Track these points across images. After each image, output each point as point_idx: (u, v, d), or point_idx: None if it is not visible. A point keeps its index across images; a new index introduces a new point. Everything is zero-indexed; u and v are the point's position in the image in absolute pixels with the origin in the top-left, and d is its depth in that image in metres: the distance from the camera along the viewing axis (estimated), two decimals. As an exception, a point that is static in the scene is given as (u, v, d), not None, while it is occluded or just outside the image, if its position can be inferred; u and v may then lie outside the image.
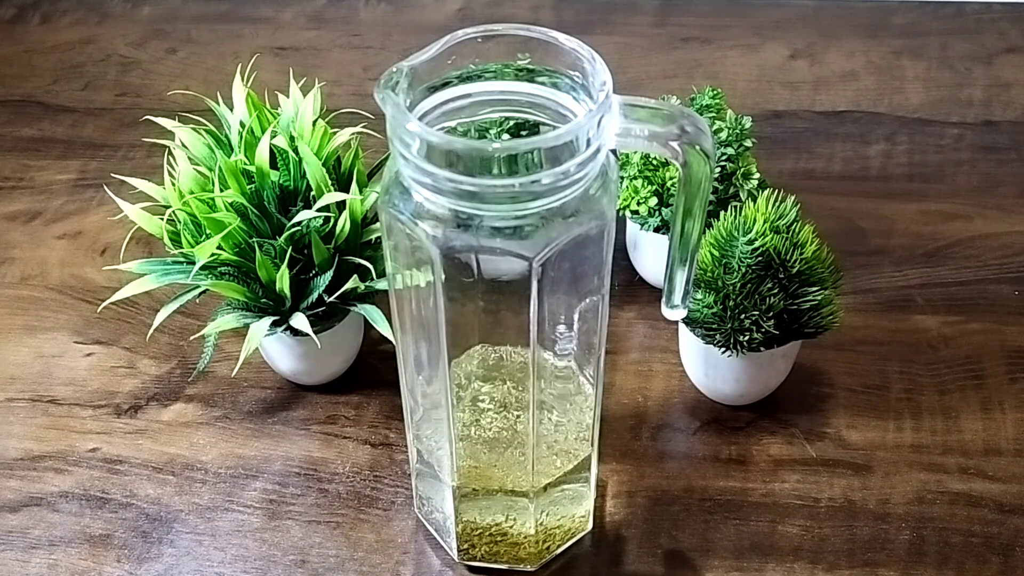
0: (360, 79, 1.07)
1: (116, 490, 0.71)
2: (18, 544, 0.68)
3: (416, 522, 0.68)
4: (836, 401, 0.75)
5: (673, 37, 1.10)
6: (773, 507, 0.69)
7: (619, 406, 0.75)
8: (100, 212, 0.92)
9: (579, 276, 0.54)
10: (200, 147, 0.72)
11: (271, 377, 0.78)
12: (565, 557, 0.66)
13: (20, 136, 1.02)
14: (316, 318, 0.69)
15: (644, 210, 0.76)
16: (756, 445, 0.72)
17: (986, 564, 0.65)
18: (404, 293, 0.56)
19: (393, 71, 0.49)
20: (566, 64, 0.51)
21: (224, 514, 0.69)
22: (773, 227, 0.66)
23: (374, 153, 0.85)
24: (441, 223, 0.49)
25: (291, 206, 0.70)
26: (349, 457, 0.72)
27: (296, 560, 0.66)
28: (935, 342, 0.79)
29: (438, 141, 0.46)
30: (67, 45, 1.14)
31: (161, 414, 0.76)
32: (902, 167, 0.93)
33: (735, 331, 0.67)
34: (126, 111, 1.04)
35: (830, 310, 0.68)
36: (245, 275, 0.69)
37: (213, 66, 1.10)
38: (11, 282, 0.86)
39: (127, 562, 0.67)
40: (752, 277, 0.66)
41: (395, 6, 1.18)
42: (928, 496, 0.69)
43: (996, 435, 0.73)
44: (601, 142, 0.48)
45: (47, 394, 0.77)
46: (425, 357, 0.58)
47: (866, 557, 0.66)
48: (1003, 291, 0.83)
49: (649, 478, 0.71)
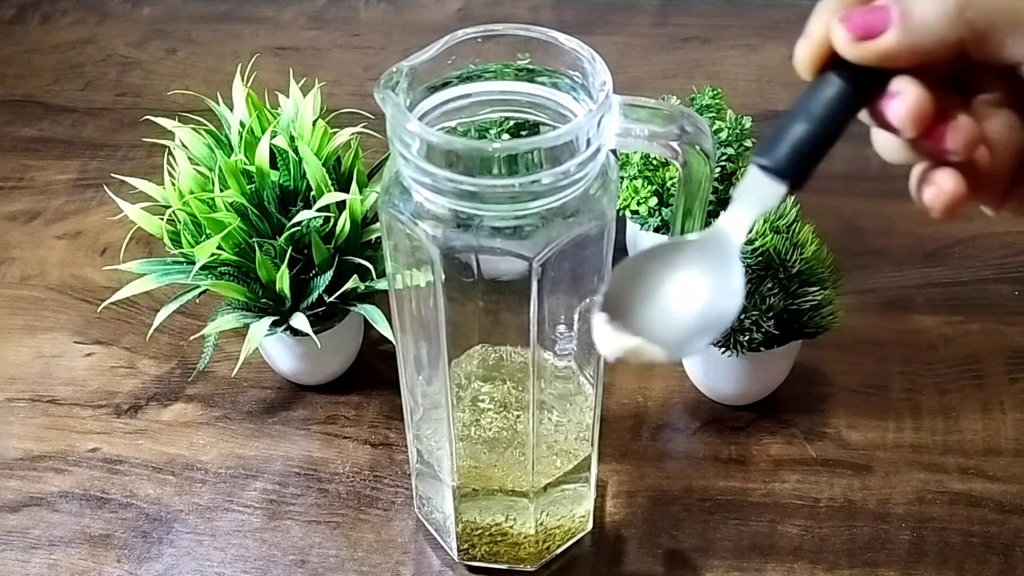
0: (360, 79, 1.07)
1: (116, 490, 0.71)
2: (18, 544, 0.68)
3: (416, 522, 0.68)
4: (836, 401, 0.75)
5: (673, 37, 1.10)
6: (773, 507, 0.69)
7: (619, 406, 0.75)
8: (100, 212, 0.92)
9: (579, 276, 0.54)
10: (200, 147, 0.72)
11: (271, 377, 0.78)
12: (565, 557, 0.66)
13: (20, 136, 1.02)
14: (316, 318, 0.69)
15: (644, 210, 0.76)
16: (756, 445, 0.72)
17: (986, 564, 0.65)
18: (404, 293, 0.56)
19: (393, 71, 0.49)
20: (566, 64, 0.51)
21: (224, 514, 0.69)
22: (773, 227, 0.66)
23: (374, 153, 0.85)
24: (441, 223, 0.49)
25: (291, 206, 0.70)
26: (349, 457, 0.72)
27: (296, 560, 0.66)
28: (935, 342, 0.79)
29: (438, 141, 0.46)
30: (67, 45, 1.14)
31: (161, 414, 0.76)
32: (902, 167, 0.93)
33: (735, 331, 0.67)
34: (126, 111, 1.04)
35: (830, 310, 0.68)
36: (245, 275, 0.69)
37: (213, 66, 1.10)
38: (11, 282, 0.86)
39: (127, 562, 0.67)
40: (752, 277, 0.66)
41: (395, 6, 1.18)
42: (928, 496, 0.69)
43: (996, 435, 0.73)
44: (601, 142, 0.48)
45: (47, 394, 0.77)
46: (425, 357, 0.58)
47: (866, 557, 0.66)
48: (1003, 291, 0.83)
49: (649, 478, 0.71)
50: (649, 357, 0.34)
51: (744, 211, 0.35)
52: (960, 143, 0.33)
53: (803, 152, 0.34)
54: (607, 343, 0.34)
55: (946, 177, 0.34)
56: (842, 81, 0.34)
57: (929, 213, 0.35)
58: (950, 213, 0.35)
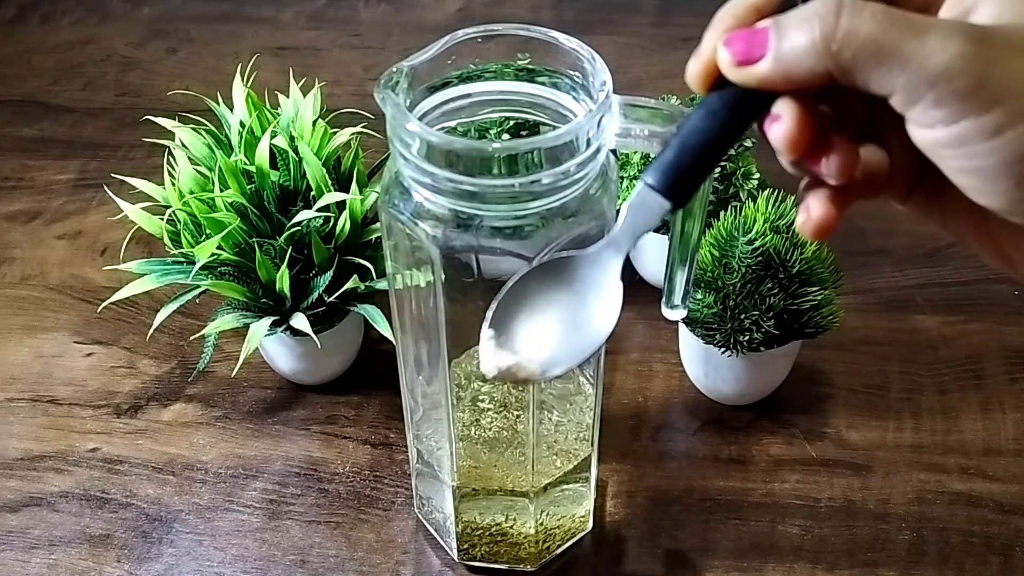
0: (360, 79, 1.07)
1: (116, 490, 0.71)
2: (18, 544, 0.68)
3: (416, 522, 0.68)
4: (836, 401, 0.75)
5: (673, 37, 1.10)
6: (773, 507, 0.69)
7: (619, 406, 0.75)
8: (100, 212, 0.92)
9: (579, 276, 0.54)
10: (200, 147, 0.72)
11: (271, 377, 0.78)
12: (565, 557, 0.66)
13: (20, 136, 1.02)
14: (316, 318, 0.69)
15: (644, 210, 0.75)
16: (756, 445, 0.72)
17: (986, 564, 0.65)
18: (404, 293, 0.56)
19: (393, 71, 0.49)
20: (566, 64, 0.51)
21: (224, 514, 0.69)
22: (773, 227, 0.66)
23: (374, 153, 0.85)
24: (441, 223, 0.49)
25: (291, 206, 0.70)
26: (349, 457, 0.72)
27: (296, 560, 0.66)
28: (935, 342, 0.79)
29: (438, 141, 0.46)
30: (67, 45, 1.14)
31: (161, 414, 0.76)
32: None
33: (735, 331, 0.67)
34: (126, 111, 1.04)
35: (830, 310, 0.68)
36: (245, 275, 0.69)
37: (213, 66, 1.10)
38: (11, 282, 0.86)
39: (127, 562, 0.67)
40: (752, 277, 0.66)
41: (395, 6, 1.18)
42: (928, 496, 0.69)
43: (996, 435, 0.73)
44: (601, 142, 0.48)
45: (47, 394, 0.77)
46: (425, 357, 0.58)
47: (866, 557, 0.66)
48: (1003, 291, 0.83)
49: (649, 478, 0.71)
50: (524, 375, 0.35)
51: (630, 227, 0.37)
52: (834, 170, 0.35)
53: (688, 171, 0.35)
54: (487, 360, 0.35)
55: (816, 203, 0.36)
56: (729, 99, 0.35)
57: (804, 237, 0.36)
58: (819, 236, 0.37)
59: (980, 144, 0.32)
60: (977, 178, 0.33)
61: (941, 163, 0.34)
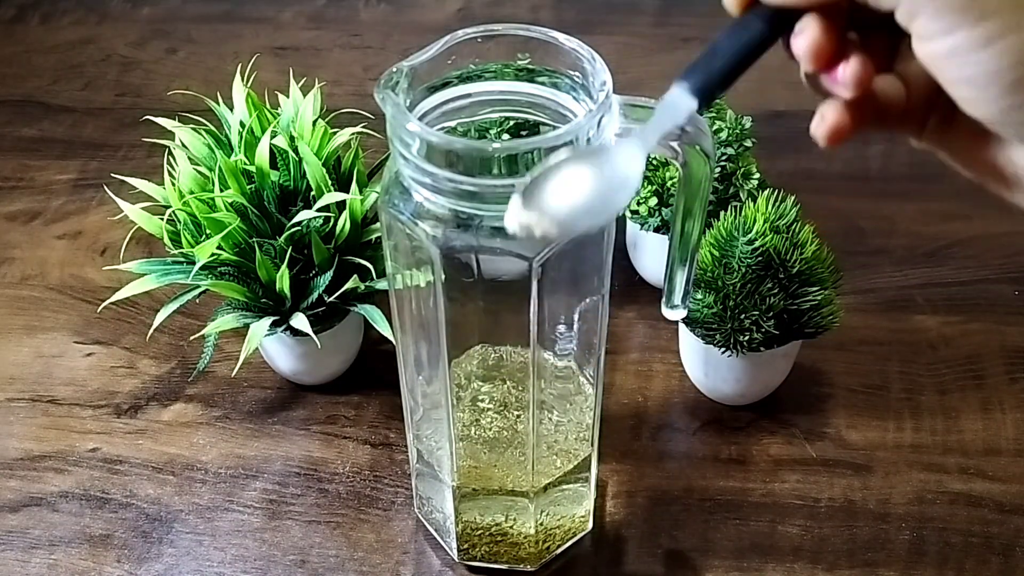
0: (360, 79, 1.07)
1: (116, 490, 0.71)
2: (18, 544, 0.68)
3: (416, 522, 0.68)
4: (836, 401, 0.75)
5: (673, 37, 1.10)
6: (773, 507, 0.69)
7: (619, 406, 0.75)
8: (100, 212, 0.92)
9: (579, 276, 0.54)
10: (200, 147, 0.72)
11: (271, 377, 0.78)
12: (565, 557, 0.66)
13: (20, 136, 1.02)
14: (316, 318, 0.69)
15: (644, 210, 0.76)
16: (756, 445, 0.72)
17: (986, 564, 0.65)
18: (404, 293, 0.56)
19: (393, 71, 0.49)
20: (566, 64, 0.51)
21: (224, 514, 0.69)
22: (773, 227, 0.66)
23: (374, 153, 0.85)
24: (441, 223, 0.49)
25: (291, 206, 0.70)
26: (349, 457, 0.72)
27: (296, 560, 0.66)
28: (935, 342, 0.79)
29: (438, 141, 0.46)
30: (67, 45, 1.14)
31: (161, 414, 0.76)
32: (902, 167, 0.93)
33: (735, 331, 0.67)
34: (126, 111, 1.04)
35: (830, 310, 0.68)
36: (245, 275, 0.69)
37: (213, 66, 1.10)
38: (11, 282, 0.86)
39: (127, 562, 0.67)
40: (752, 277, 0.66)
41: (395, 6, 1.18)
42: (928, 496, 0.69)
43: (996, 435, 0.73)
44: (601, 142, 0.48)
45: (47, 394, 0.77)
46: (425, 357, 0.58)
47: (866, 557, 0.66)
48: (1003, 291, 0.83)
49: (649, 478, 0.71)
50: (542, 231, 0.38)
51: (658, 123, 0.41)
52: (849, 78, 0.38)
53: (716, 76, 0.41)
54: (511, 217, 0.39)
55: (831, 110, 0.39)
56: (759, 19, 0.40)
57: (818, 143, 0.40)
58: (832, 140, 0.40)
59: (973, 54, 0.35)
60: (970, 88, 0.36)
61: (939, 75, 0.37)
